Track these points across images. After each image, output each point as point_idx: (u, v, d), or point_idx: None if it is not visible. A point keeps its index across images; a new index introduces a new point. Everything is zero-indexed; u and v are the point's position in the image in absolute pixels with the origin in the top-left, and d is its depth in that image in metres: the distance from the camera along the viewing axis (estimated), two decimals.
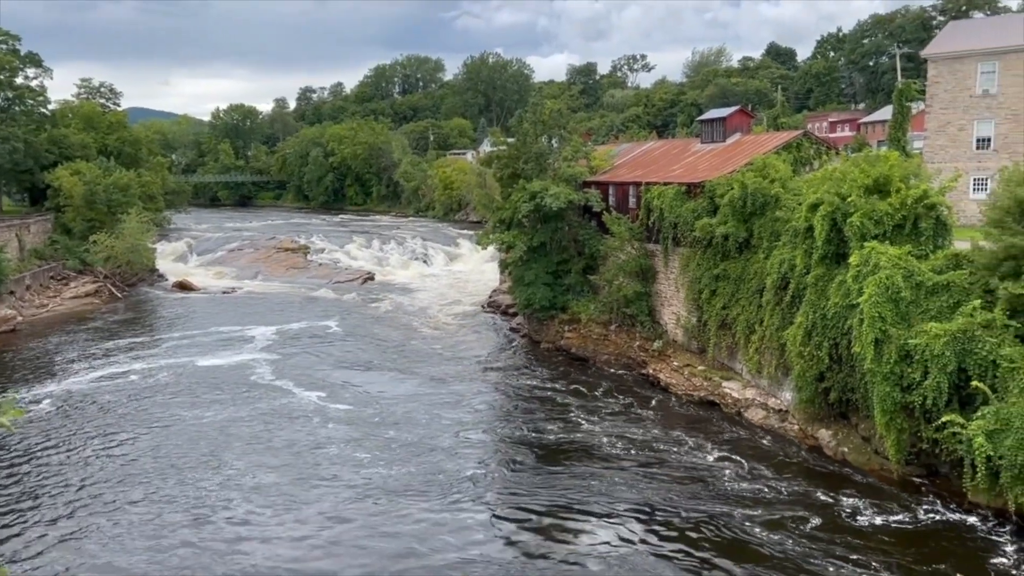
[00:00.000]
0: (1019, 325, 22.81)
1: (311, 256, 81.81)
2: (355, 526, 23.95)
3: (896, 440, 24.91)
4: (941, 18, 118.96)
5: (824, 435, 29.10)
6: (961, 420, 22.55)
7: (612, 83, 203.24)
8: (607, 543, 22.70)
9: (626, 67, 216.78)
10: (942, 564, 21.04)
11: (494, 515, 24.67)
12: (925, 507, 24.14)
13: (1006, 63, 43.50)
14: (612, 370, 40.46)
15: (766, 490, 25.82)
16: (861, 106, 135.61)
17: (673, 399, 35.63)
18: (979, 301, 23.52)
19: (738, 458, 28.50)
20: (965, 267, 25.13)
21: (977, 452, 21.74)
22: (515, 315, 50.81)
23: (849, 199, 27.70)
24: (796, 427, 30.56)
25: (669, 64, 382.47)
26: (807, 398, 29.39)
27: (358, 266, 77.19)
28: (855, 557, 21.43)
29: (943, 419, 23.04)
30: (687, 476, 27.07)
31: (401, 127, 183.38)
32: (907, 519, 23.43)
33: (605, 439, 30.65)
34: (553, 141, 47.49)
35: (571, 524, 23.98)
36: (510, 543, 22.97)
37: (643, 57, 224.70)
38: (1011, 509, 22.01)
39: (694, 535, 23.04)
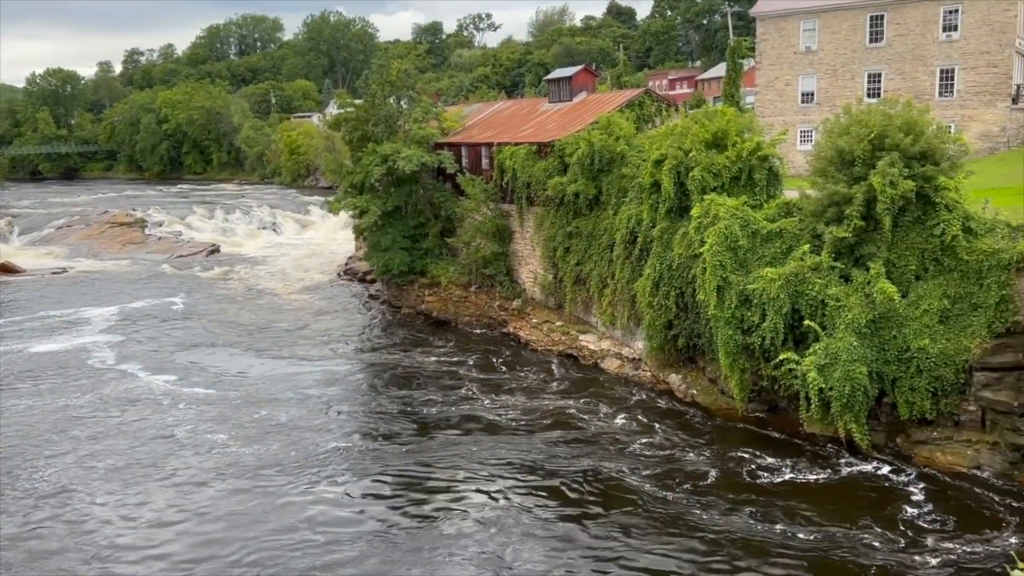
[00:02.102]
0: (843, 266, 24.78)
1: (149, 230, 76.77)
2: (211, 510, 23.02)
3: (739, 380, 26.63)
4: None
5: (675, 379, 30.69)
6: (796, 357, 24.37)
7: (459, 43, 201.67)
8: (478, 504, 23.05)
9: (472, 26, 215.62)
10: (785, 491, 22.84)
11: (363, 488, 24.46)
12: (770, 440, 26.06)
13: (824, 21, 46.54)
14: (474, 331, 40.82)
15: (625, 436, 26.98)
16: (698, 64, 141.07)
17: (534, 355, 36.43)
18: (808, 246, 25.27)
19: (598, 406, 29.60)
20: (795, 215, 26.89)
21: (811, 386, 23.59)
22: (373, 282, 50.12)
23: (691, 154, 28.96)
24: (649, 373, 32.06)
25: (515, 23, 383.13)
26: (657, 345, 30.85)
27: (202, 238, 73.30)
28: (704, 493, 22.88)
29: (780, 357, 24.80)
30: (552, 430, 27.83)
31: (240, 90, 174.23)
32: (754, 454, 25.17)
33: (472, 401, 30.97)
34: (402, 102, 46.68)
35: (441, 489, 24.17)
36: (381, 515, 22.84)
37: (488, 16, 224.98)
38: (841, 435, 24.12)
39: (560, 487, 23.78)
